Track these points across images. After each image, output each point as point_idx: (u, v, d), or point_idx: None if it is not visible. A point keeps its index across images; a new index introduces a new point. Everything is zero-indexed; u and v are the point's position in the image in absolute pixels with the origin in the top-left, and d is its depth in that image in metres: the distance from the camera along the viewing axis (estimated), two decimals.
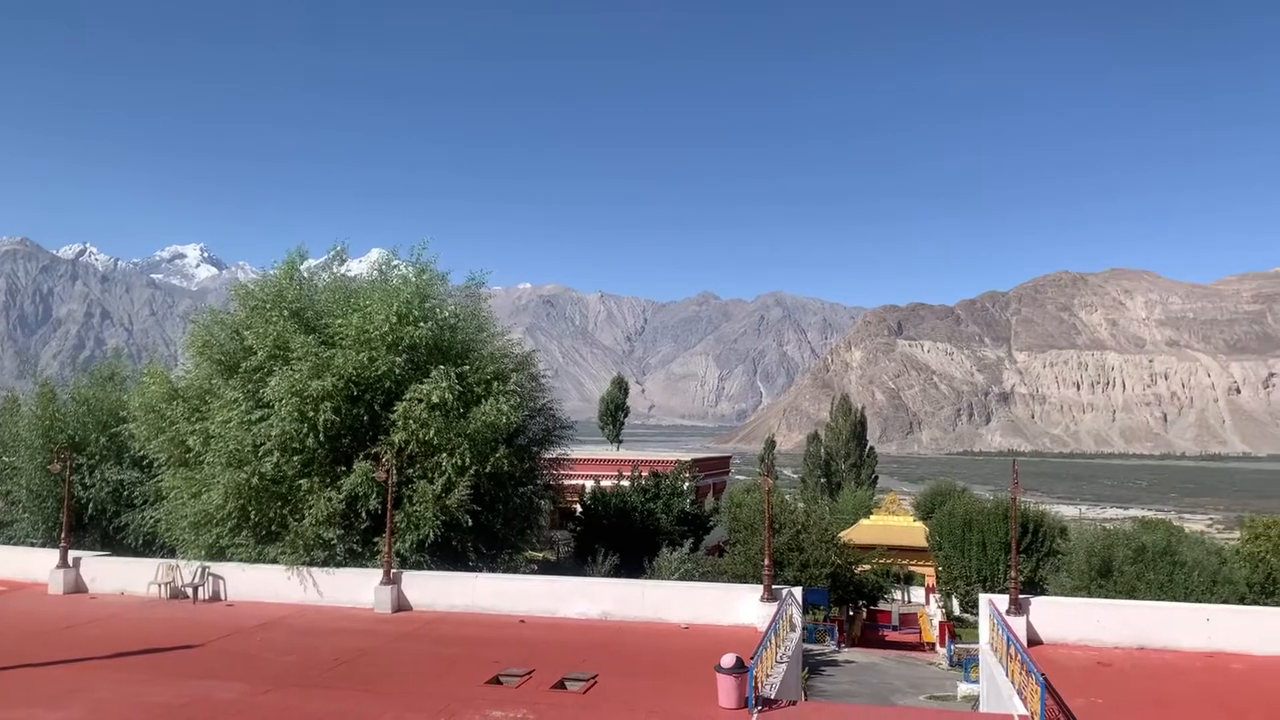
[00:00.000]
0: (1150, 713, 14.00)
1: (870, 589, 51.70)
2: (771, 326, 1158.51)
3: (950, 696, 27.57)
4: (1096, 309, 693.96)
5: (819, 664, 32.75)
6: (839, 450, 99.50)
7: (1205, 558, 27.29)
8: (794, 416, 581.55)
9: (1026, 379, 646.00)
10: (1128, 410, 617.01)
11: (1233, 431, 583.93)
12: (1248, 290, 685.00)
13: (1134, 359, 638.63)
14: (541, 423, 27.13)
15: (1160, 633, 18.06)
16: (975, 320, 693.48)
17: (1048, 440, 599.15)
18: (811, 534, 42.92)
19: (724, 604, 19.85)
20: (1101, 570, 27.32)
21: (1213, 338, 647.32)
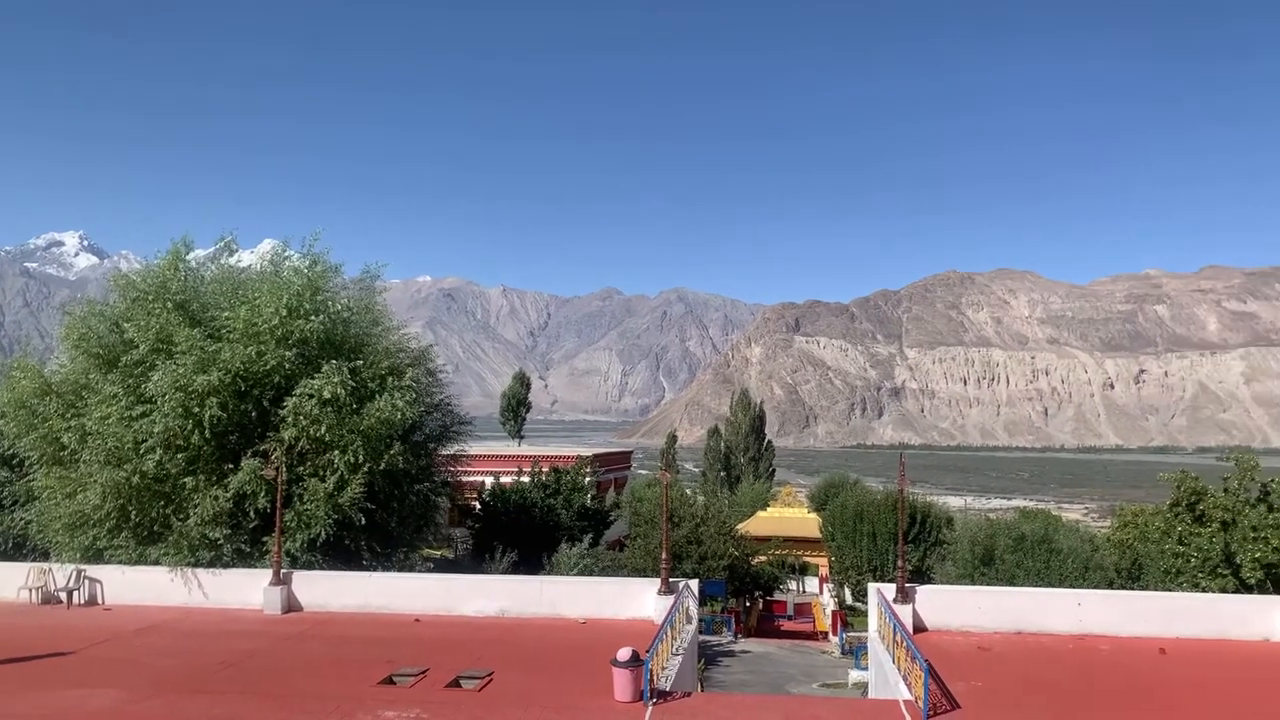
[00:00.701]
0: (1025, 694, 14.68)
1: (766, 580, 52.72)
2: (674, 322, 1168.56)
3: (842, 684, 28.33)
4: (983, 307, 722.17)
5: (716, 655, 33.23)
6: (738, 444, 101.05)
7: (1079, 545, 28.69)
8: (696, 411, 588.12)
9: (917, 374, 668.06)
10: (1011, 405, 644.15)
11: (1107, 425, 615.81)
12: (1121, 291, 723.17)
13: (1017, 355, 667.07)
14: (439, 419, 26.80)
15: (1036, 617, 18.97)
16: (869, 318, 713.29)
17: (936, 433, 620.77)
18: (710, 527, 43.48)
19: (622, 598, 19.97)
20: (984, 559, 28.45)
21: (1089, 336, 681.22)
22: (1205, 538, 27.05)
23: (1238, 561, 26.01)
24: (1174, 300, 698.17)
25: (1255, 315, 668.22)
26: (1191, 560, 27.09)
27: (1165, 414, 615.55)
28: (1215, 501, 27.52)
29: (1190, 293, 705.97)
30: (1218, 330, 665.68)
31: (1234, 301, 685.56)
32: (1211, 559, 26.74)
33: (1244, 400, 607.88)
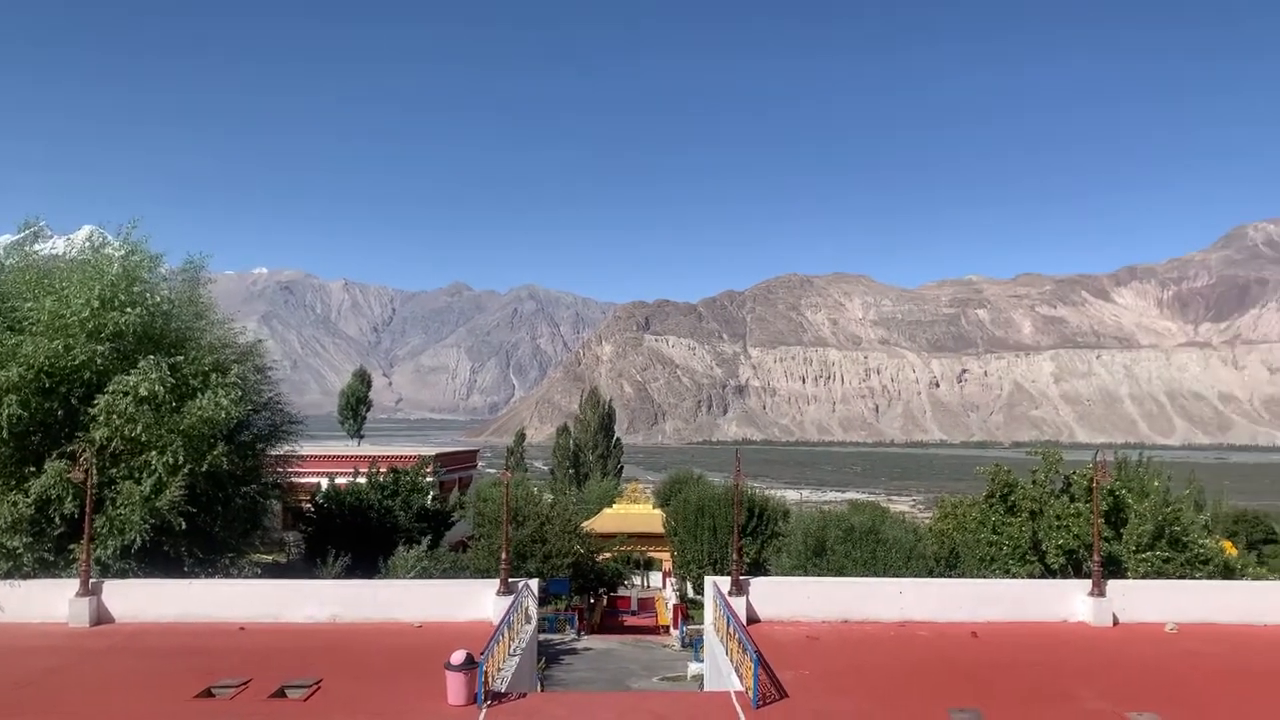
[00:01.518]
0: (849, 680, 15.32)
1: (611, 576, 53.11)
2: (525, 320, 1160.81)
3: (681, 676, 28.86)
4: (821, 309, 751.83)
5: (558, 653, 33.22)
6: (587, 442, 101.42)
7: (903, 536, 30.24)
8: (546, 409, 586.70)
9: (760, 373, 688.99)
10: (846, 402, 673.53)
11: (933, 421, 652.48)
12: (946, 295, 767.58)
13: (852, 355, 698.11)
14: (269, 417, 25.60)
15: (862, 606, 19.83)
16: (715, 317, 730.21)
17: (777, 430, 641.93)
18: (555, 525, 43.42)
19: (460, 600, 19.63)
20: (816, 550, 29.59)
21: (917, 337, 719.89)
22: (1016, 526, 29.02)
23: (1043, 548, 28.03)
24: (993, 305, 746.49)
25: (1064, 320, 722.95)
26: (1004, 548, 29.00)
27: (985, 411, 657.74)
28: (1025, 493, 29.55)
29: (1007, 298, 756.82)
30: (1031, 333, 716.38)
31: (1045, 307, 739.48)
32: (1021, 546, 28.70)
33: (1053, 398, 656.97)
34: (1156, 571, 26.74)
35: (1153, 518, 28.28)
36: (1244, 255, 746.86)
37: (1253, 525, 63.82)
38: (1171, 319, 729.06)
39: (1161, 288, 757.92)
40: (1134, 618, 19.97)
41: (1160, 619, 19.95)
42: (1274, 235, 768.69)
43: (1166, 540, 28.20)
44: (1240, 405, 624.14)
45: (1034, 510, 28.80)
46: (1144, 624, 19.81)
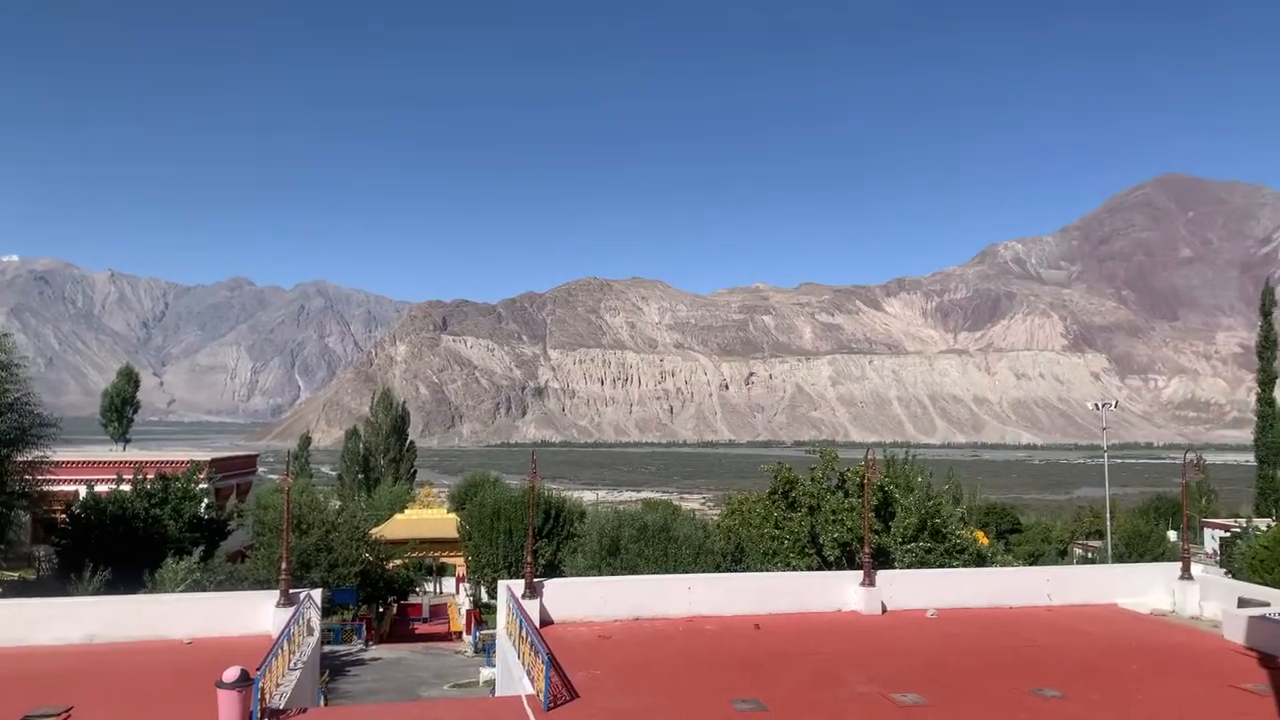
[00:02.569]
0: (640, 677, 15.59)
1: (401, 583, 51.64)
2: (313, 317, 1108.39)
3: (473, 682, 28.45)
4: (619, 312, 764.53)
5: (344, 665, 31.93)
6: (379, 445, 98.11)
7: (693, 532, 31.20)
8: (335, 411, 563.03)
9: (559, 375, 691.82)
10: (642, 404, 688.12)
11: (722, 422, 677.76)
12: (736, 301, 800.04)
13: (648, 358, 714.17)
14: (15, 420, 23.15)
15: (653, 603, 20.26)
16: (515, 318, 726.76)
17: (575, 431, 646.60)
18: (342, 533, 41.76)
19: (236, 613, 18.48)
20: (611, 550, 29.99)
21: (709, 341, 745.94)
22: (796, 521, 30.60)
23: (821, 541, 29.68)
24: (778, 311, 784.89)
25: (840, 327, 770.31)
26: (785, 542, 30.50)
27: (770, 412, 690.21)
28: (804, 489, 31.23)
29: (791, 305, 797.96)
30: (812, 339, 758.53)
31: (825, 315, 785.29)
32: (801, 540, 30.29)
33: (831, 400, 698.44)
34: (920, 561, 28.93)
35: (917, 511, 30.59)
36: (996, 271, 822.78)
37: (1001, 516, 70.49)
38: (934, 328, 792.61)
39: (926, 299, 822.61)
40: (900, 605, 21.51)
41: (922, 605, 21.59)
42: (1020, 254, 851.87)
43: (929, 532, 30.58)
44: (992, 407, 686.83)
45: (813, 506, 30.49)
46: (909, 610, 21.38)
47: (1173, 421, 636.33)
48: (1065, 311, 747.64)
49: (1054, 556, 58.08)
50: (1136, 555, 51.89)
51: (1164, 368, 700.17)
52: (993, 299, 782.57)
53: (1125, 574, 25.16)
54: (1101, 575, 25.60)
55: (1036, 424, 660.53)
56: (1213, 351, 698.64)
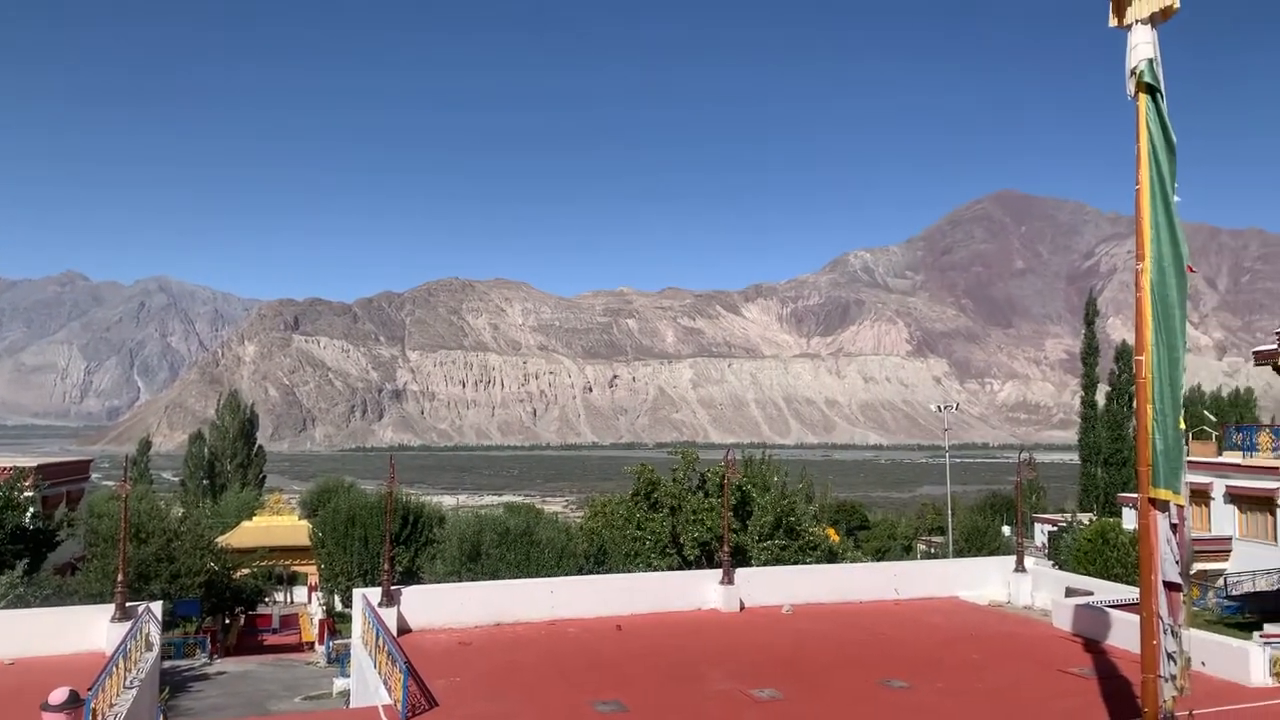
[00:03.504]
0: (501, 682, 15.42)
1: (249, 593, 49.40)
2: (154, 315, 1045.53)
3: (326, 694, 27.48)
4: (482, 314, 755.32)
5: (187, 680, 30.26)
6: (225, 450, 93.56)
7: (556, 536, 31.06)
8: (178, 414, 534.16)
9: (418, 377, 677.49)
10: (505, 406, 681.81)
11: (586, 424, 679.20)
12: (600, 304, 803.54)
13: (512, 360, 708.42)
14: None
15: (514, 608, 20.10)
16: (372, 319, 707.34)
17: (435, 435, 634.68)
18: (185, 541, 39.59)
19: (65, 630, 17.30)
20: (471, 555, 29.52)
21: (573, 344, 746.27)
22: (658, 522, 30.96)
23: (682, 541, 30.14)
24: (641, 315, 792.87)
25: (702, 331, 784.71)
26: (647, 543, 30.82)
27: (633, 414, 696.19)
28: (666, 490, 31.64)
29: (654, 309, 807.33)
30: (674, 343, 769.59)
31: (686, 319, 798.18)
32: (662, 540, 30.66)
33: (692, 402, 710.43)
34: (775, 558, 29.77)
35: (773, 510, 31.49)
36: (846, 279, 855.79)
37: (850, 514, 73.27)
38: (789, 333, 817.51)
39: (782, 305, 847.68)
40: (758, 602, 22.08)
41: (778, 602, 22.23)
42: (868, 262, 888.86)
43: (784, 530, 31.52)
44: (842, 409, 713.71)
45: (674, 506, 30.93)
46: (766, 607, 21.96)
47: (1006, 423, 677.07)
48: (910, 318, 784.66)
49: (899, 552, 60.81)
50: (975, 550, 54.88)
51: (999, 372, 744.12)
52: (843, 306, 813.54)
53: (965, 568, 26.58)
54: (943, 570, 26.96)
55: (883, 425, 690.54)
56: (1042, 357, 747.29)
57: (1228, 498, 43.38)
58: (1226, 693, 15.81)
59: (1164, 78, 11.15)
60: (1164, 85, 11.13)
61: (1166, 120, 11.05)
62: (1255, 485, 40.65)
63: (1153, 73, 11.07)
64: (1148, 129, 11.09)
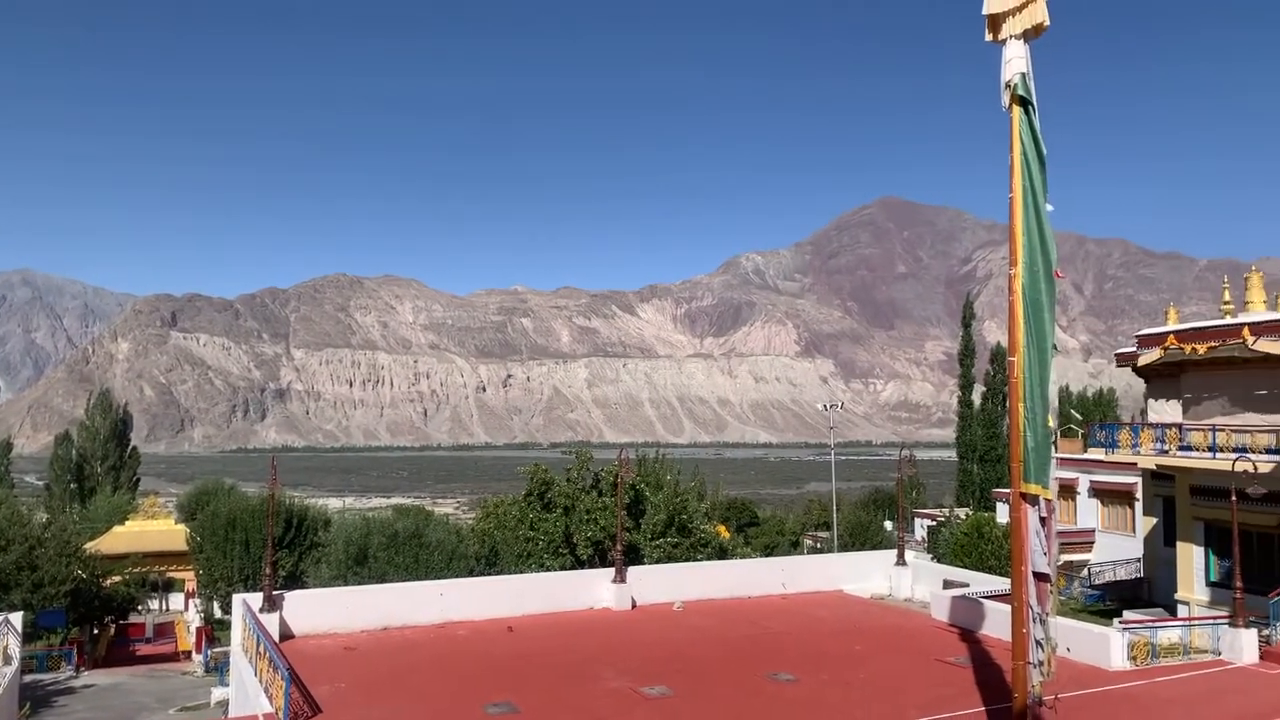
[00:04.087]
0: (387, 687, 15.11)
1: (121, 602, 47.08)
2: (17, 309, 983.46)
3: (204, 704, 26.44)
4: (371, 311, 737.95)
5: (50, 695, 28.62)
6: (95, 451, 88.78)
7: (446, 537, 30.62)
8: (43, 414, 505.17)
9: (303, 376, 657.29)
10: (394, 406, 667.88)
11: (479, 424, 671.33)
12: (494, 303, 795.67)
13: (402, 359, 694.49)
14: None
15: (403, 611, 19.72)
16: (255, 315, 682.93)
17: (321, 436, 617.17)
18: (49, 548, 37.50)
19: None
20: (358, 558, 28.84)
21: (466, 343, 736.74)
22: (551, 522, 30.86)
23: (575, 541, 30.12)
24: (536, 314, 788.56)
25: (597, 330, 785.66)
26: (540, 543, 30.69)
27: (527, 414, 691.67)
28: (560, 490, 31.58)
29: (549, 308, 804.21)
30: (569, 342, 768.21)
31: (582, 318, 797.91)
32: (555, 540, 30.58)
33: (587, 402, 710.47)
34: (668, 556, 30.05)
35: (666, 508, 31.76)
36: (739, 281, 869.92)
37: (741, 511, 74.48)
38: (683, 333, 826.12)
39: (676, 305, 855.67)
40: (650, 599, 22.23)
41: (670, 599, 22.44)
42: (760, 265, 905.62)
43: (676, 528, 31.83)
44: (733, 408, 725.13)
45: (568, 506, 30.89)
46: (657, 604, 22.14)
47: (889, 421, 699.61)
48: (798, 320, 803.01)
49: (787, 548, 62.10)
50: (859, 544, 56.49)
51: (882, 373, 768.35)
52: (735, 307, 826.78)
53: (849, 562, 27.36)
54: (829, 564, 27.69)
55: (773, 424, 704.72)
56: (922, 358, 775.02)
57: (1092, 492, 45.88)
58: (1089, 676, 16.72)
59: (1036, 91, 11.72)
60: (1036, 98, 11.70)
61: (1038, 132, 11.61)
62: (1116, 480, 43.10)
63: (1026, 86, 11.61)
64: (1021, 140, 11.63)
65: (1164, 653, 18.52)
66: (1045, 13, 11.62)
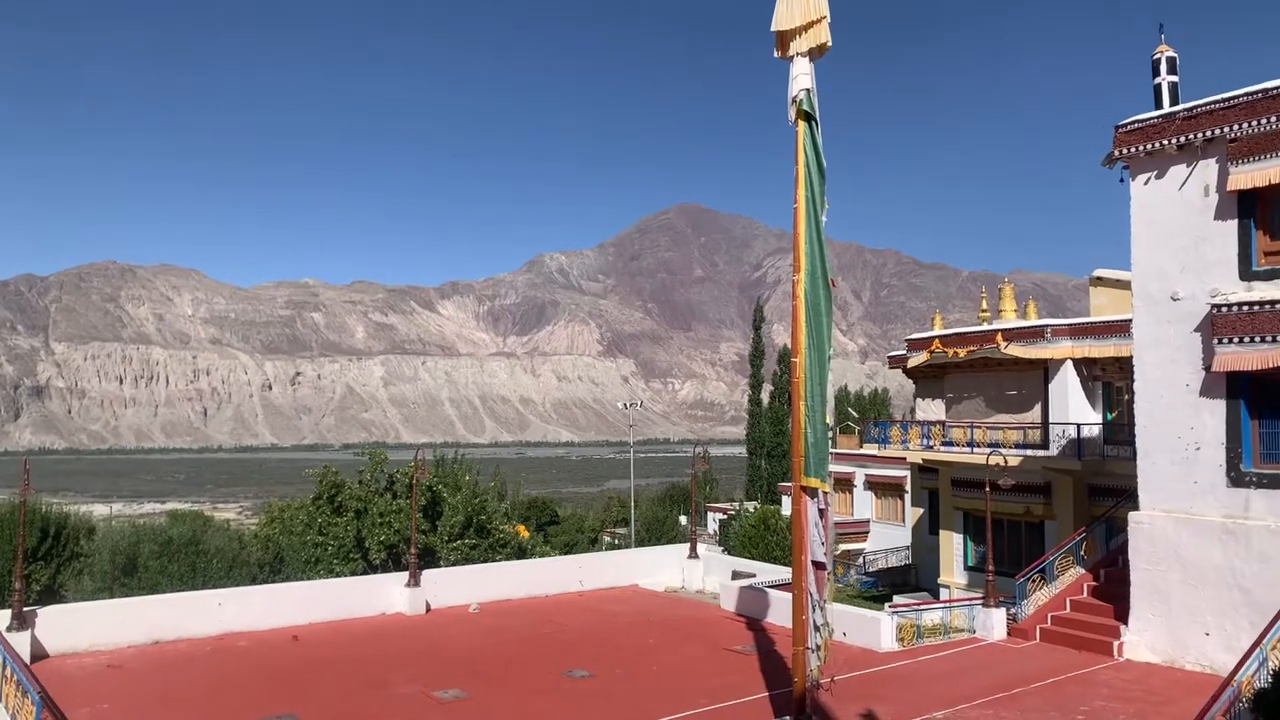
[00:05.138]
0: (155, 708, 14.10)
1: None
2: None
3: None
4: (144, 303, 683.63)
5: None
6: None
7: (227, 544, 28.84)
8: None
9: (65, 372, 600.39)
10: (170, 405, 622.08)
11: (264, 425, 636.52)
12: (282, 296, 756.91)
13: (179, 355, 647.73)
14: None
15: (176, 624, 18.44)
16: (8, 305, 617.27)
17: (86, 437, 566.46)
18: None
19: None
20: (126, 568, 26.69)
21: (251, 338, 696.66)
22: (341, 526, 29.76)
23: (367, 545, 29.19)
24: (329, 309, 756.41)
25: (394, 327, 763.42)
26: (329, 548, 29.51)
27: (318, 414, 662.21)
28: (351, 492, 30.50)
29: (343, 303, 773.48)
30: (364, 339, 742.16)
31: (378, 314, 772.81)
32: (346, 545, 29.51)
33: (382, 401, 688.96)
34: (465, 558, 29.64)
35: (464, 509, 31.33)
36: (542, 280, 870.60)
37: (541, 510, 74.44)
38: (485, 331, 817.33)
39: (479, 303, 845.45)
40: (445, 602, 21.88)
41: (466, 601, 22.18)
42: (564, 265, 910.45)
43: (474, 529, 31.46)
44: (536, 407, 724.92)
45: (359, 509, 29.88)
46: (453, 607, 21.82)
47: (686, 419, 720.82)
48: (601, 320, 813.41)
49: (586, 545, 62.72)
50: (655, 539, 57.81)
51: (680, 372, 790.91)
52: (539, 306, 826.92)
53: (644, 557, 27.99)
54: (625, 559, 28.21)
55: (575, 423, 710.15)
56: (717, 359, 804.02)
57: (867, 485, 49.16)
58: (862, 659, 17.93)
59: (819, 107, 12.45)
60: (819, 114, 12.42)
61: (819, 146, 12.34)
62: (888, 474, 46.38)
63: (810, 102, 12.30)
64: (805, 153, 12.32)
65: (928, 633, 20.11)
66: (828, 34, 12.35)
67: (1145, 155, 18.49)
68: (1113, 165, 19.14)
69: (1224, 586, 16.87)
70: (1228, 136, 17.19)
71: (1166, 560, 17.75)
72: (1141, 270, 18.76)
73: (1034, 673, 17.01)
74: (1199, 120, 17.65)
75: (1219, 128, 17.31)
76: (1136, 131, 18.58)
